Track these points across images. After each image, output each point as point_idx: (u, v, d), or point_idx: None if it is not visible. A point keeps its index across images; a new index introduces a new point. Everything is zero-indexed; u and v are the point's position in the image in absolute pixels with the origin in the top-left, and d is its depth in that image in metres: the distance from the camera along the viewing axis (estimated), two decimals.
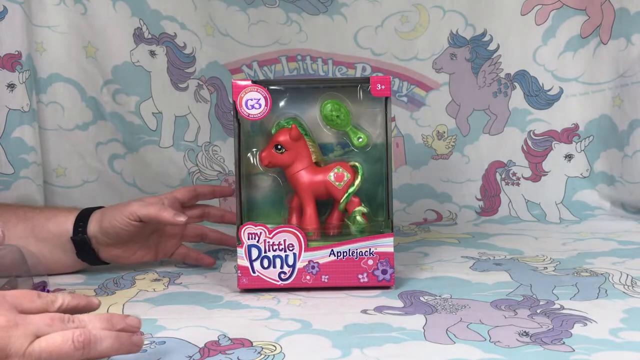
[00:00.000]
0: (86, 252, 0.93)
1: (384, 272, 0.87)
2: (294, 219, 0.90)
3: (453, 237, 1.15)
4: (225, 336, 0.73)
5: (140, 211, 0.91)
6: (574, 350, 0.68)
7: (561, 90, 1.28)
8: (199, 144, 1.28)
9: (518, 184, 1.29)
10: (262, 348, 0.70)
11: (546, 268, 0.95)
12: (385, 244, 0.86)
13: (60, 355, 0.56)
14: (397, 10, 1.27)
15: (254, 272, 0.87)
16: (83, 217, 0.93)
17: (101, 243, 0.93)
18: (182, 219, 0.90)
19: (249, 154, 0.90)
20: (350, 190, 0.88)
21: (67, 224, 0.93)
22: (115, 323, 0.61)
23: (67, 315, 0.60)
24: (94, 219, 0.93)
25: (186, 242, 1.01)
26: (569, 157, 1.28)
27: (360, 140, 0.90)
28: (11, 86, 1.18)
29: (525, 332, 0.72)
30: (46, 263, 0.89)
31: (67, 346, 0.56)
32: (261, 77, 1.27)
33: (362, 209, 0.88)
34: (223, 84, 1.27)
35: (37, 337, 0.57)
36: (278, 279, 0.87)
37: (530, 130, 1.28)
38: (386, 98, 0.88)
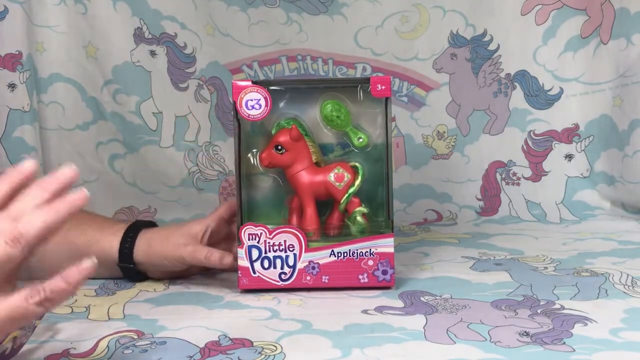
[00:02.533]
0: (133, 276, 0.92)
1: (384, 272, 0.87)
2: (294, 220, 0.90)
3: (453, 237, 1.15)
4: (225, 336, 0.73)
5: (189, 259, 0.88)
6: (574, 350, 0.68)
7: (561, 90, 1.28)
8: (199, 144, 1.28)
9: (518, 184, 1.29)
10: (263, 348, 0.70)
11: (546, 268, 0.95)
12: (385, 245, 0.86)
13: (2, 261, 0.54)
14: (398, 10, 1.27)
15: (254, 272, 0.87)
16: (127, 238, 0.90)
17: (149, 270, 0.92)
18: (228, 261, 0.87)
19: (249, 154, 0.90)
20: (351, 190, 0.88)
21: (111, 250, 0.90)
22: (46, 187, 0.57)
23: None
24: (142, 249, 0.90)
25: None
26: (569, 157, 1.28)
27: (361, 140, 0.90)
28: (12, 86, 1.18)
29: (525, 332, 0.72)
30: None
31: (2, 250, 0.54)
32: (261, 77, 1.27)
33: (362, 209, 0.88)
34: (223, 84, 1.27)
35: None
36: (278, 280, 0.87)
37: (531, 130, 1.28)
38: (386, 98, 0.88)
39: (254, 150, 0.90)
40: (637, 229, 1.16)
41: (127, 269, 0.91)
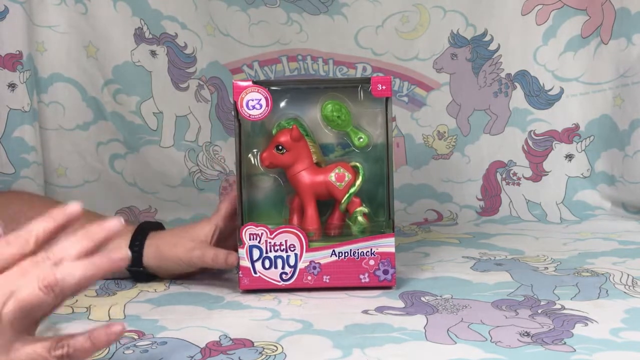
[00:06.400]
0: (142, 278, 0.92)
1: (385, 272, 0.87)
2: (295, 220, 0.90)
3: (454, 237, 1.15)
4: (226, 336, 0.73)
5: (198, 262, 0.89)
6: (575, 351, 0.68)
7: (562, 90, 1.28)
8: (199, 144, 1.28)
9: (519, 184, 1.29)
10: (263, 348, 0.70)
11: (547, 268, 0.95)
12: (386, 244, 0.86)
13: (32, 306, 0.55)
14: (398, 10, 1.27)
15: (255, 272, 0.87)
16: (135, 242, 0.90)
17: (157, 272, 0.92)
18: (232, 260, 0.88)
19: (249, 155, 0.90)
20: (352, 190, 0.88)
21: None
22: (92, 236, 0.58)
23: (40, 255, 0.57)
24: (151, 254, 0.90)
25: None
26: (569, 157, 1.28)
27: (361, 140, 0.90)
28: (12, 86, 1.18)
29: (526, 332, 0.72)
30: None
31: (35, 295, 0.54)
32: (262, 77, 1.27)
33: (363, 209, 0.88)
34: (224, 83, 1.27)
35: (12, 295, 0.54)
36: (279, 280, 0.87)
37: (531, 130, 1.28)
38: (387, 98, 0.88)
39: (255, 150, 0.90)
40: (637, 229, 1.16)
41: (137, 272, 0.91)
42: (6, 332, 0.55)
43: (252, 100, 0.87)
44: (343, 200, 0.88)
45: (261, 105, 0.87)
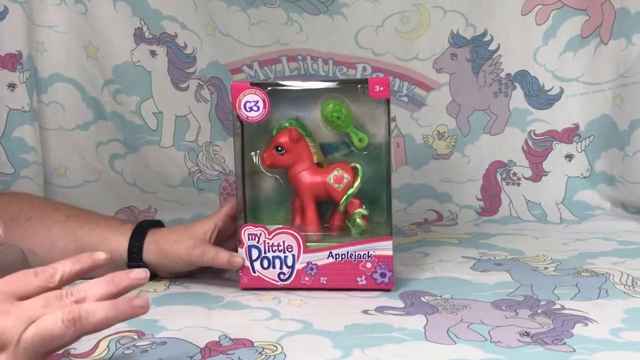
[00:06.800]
0: None
1: (383, 275, 0.86)
2: (298, 220, 0.90)
3: (453, 237, 1.15)
4: (226, 336, 0.73)
5: (198, 261, 0.89)
6: (574, 351, 0.68)
7: (562, 90, 1.28)
8: (199, 144, 1.28)
9: (518, 184, 1.29)
10: (263, 348, 0.70)
11: (547, 268, 0.95)
12: (384, 247, 0.86)
13: (52, 337, 0.55)
14: (398, 10, 1.27)
15: (254, 272, 0.87)
16: (136, 237, 0.91)
17: (158, 269, 0.92)
18: (237, 262, 0.88)
19: (252, 153, 0.90)
20: (350, 192, 0.88)
21: (120, 249, 0.91)
22: (117, 282, 0.60)
23: (65, 290, 0.58)
24: (152, 249, 0.91)
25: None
26: (569, 157, 1.28)
27: (362, 141, 0.89)
28: (12, 86, 1.18)
29: (526, 332, 0.72)
30: None
31: (57, 327, 0.55)
32: (262, 77, 1.27)
33: (362, 211, 0.88)
34: (223, 83, 1.27)
35: (33, 322, 0.56)
36: (278, 280, 0.87)
37: (531, 130, 1.28)
38: (387, 100, 0.87)
39: (257, 150, 0.90)
40: (637, 229, 1.16)
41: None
42: (20, 358, 0.55)
43: (250, 102, 0.86)
44: (341, 202, 0.88)
45: (259, 107, 0.87)
